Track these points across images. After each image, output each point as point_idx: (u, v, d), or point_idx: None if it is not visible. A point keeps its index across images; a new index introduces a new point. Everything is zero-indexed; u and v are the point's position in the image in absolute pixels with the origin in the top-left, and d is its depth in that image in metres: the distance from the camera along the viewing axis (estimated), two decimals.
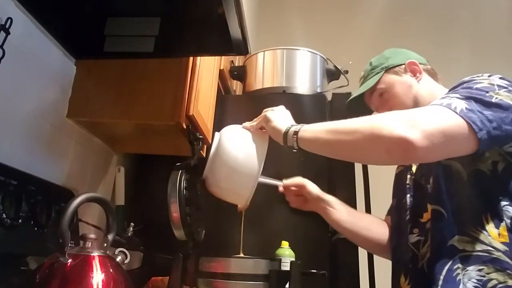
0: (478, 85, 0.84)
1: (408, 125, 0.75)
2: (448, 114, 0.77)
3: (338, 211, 1.16)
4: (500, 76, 0.87)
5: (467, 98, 0.80)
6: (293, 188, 1.19)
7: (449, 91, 0.90)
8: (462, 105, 0.78)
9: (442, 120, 0.77)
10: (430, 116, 0.78)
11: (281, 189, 1.19)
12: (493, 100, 0.80)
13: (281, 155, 0.96)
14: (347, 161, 1.34)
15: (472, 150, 0.78)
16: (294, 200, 1.21)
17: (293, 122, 0.96)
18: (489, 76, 0.87)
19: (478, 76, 0.88)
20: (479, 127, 0.76)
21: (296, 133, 0.90)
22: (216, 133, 1.02)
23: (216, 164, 0.96)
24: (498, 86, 0.83)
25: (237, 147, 0.96)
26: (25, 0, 0.98)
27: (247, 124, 1.03)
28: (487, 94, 0.81)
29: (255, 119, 1.02)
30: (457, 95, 0.82)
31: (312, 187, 1.18)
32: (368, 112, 1.20)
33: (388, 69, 1.12)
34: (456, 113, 0.77)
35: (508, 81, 0.86)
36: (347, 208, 1.19)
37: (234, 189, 0.98)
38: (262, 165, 0.95)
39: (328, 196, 1.18)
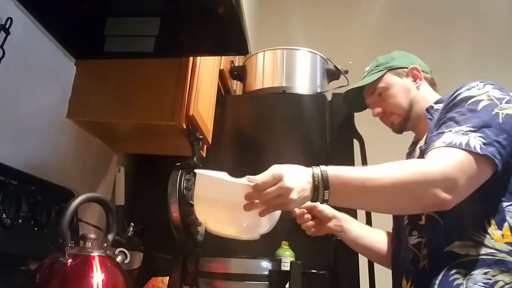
0: (481, 105, 0.85)
1: (448, 187, 0.78)
2: (473, 161, 0.79)
3: (355, 228, 1.14)
4: (492, 85, 0.89)
5: (480, 128, 0.82)
6: (307, 214, 1.13)
7: (447, 105, 0.91)
8: (478, 141, 0.80)
9: (471, 171, 0.79)
10: (462, 171, 0.79)
11: (298, 211, 1.11)
12: (500, 118, 0.83)
13: (279, 161, 0.92)
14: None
15: (489, 176, 0.82)
16: (310, 225, 1.13)
17: (308, 177, 0.80)
18: (483, 86, 0.89)
19: (472, 88, 0.89)
20: (499, 159, 0.80)
21: (325, 201, 0.81)
22: (210, 176, 0.88)
23: (221, 215, 0.86)
24: (497, 99, 0.86)
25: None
26: (25, 0, 0.98)
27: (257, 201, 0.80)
28: (493, 113, 0.84)
29: (261, 180, 0.79)
30: (471, 127, 0.83)
31: (323, 206, 1.12)
32: (363, 104, 1.24)
33: (391, 69, 1.15)
34: (479, 153, 0.79)
35: (500, 88, 0.88)
36: (362, 224, 1.18)
37: (242, 236, 0.88)
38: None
39: (342, 214, 1.14)
